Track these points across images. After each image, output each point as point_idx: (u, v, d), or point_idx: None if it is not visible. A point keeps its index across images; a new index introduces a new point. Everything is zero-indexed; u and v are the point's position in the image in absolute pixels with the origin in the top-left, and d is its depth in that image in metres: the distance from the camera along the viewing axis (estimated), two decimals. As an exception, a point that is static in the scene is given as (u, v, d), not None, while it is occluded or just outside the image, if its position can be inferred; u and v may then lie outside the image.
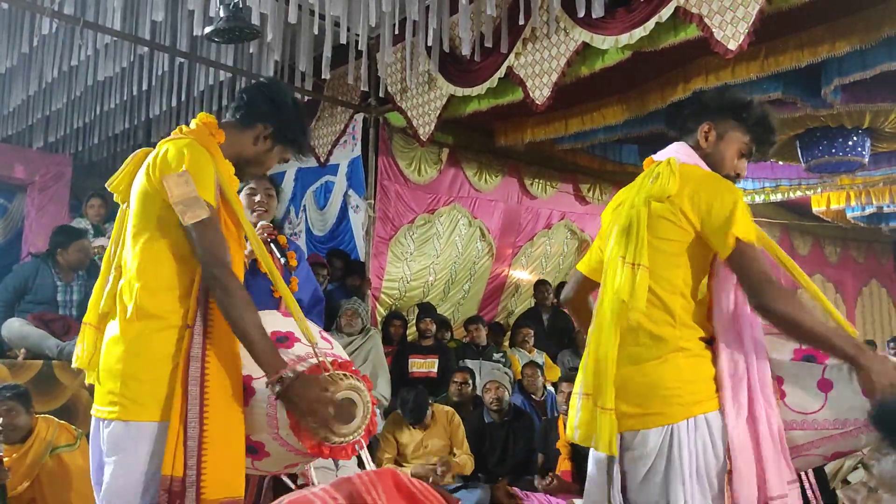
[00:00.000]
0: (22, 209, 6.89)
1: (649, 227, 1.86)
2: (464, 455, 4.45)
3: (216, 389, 1.69)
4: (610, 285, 1.91)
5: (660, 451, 1.80)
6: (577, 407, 1.93)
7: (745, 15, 3.59)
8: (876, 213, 8.72)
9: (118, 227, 1.89)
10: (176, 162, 1.72)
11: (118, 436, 1.67)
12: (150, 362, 1.69)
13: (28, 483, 3.36)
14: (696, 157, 1.99)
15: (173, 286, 1.73)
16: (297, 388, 1.66)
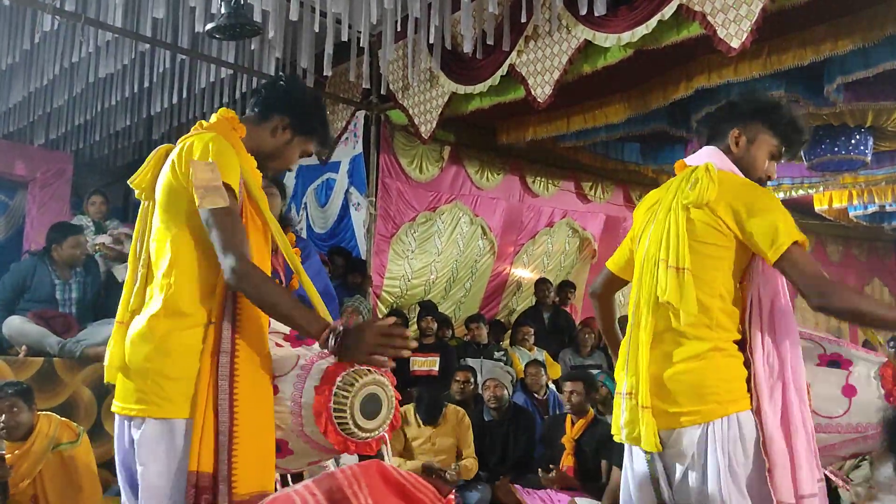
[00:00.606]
0: (23, 206, 6.89)
1: (689, 232, 1.90)
2: (470, 458, 4.46)
3: (246, 384, 1.68)
4: (647, 286, 1.96)
5: (697, 448, 1.85)
6: (623, 407, 1.97)
7: (747, 13, 3.59)
8: (878, 212, 8.71)
9: (141, 224, 1.87)
10: (202, 152, 1.71)
11: (152, 434, 1.66)
12: (179, 360, 1.68)
13: (30, 480, 3.35)
14: (728, 161, 2.02)
15: (201, 283, 1.71)
16: (349, 339, 1.65)
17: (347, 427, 1.69)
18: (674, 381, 1.87)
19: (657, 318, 1.91)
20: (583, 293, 8.00)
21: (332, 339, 1.65)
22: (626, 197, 8.22)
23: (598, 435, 4.21)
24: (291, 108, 1.90)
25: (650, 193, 2.20)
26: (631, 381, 1.94)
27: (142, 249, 1.84)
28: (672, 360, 1.89)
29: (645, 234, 2.06)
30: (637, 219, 2.18)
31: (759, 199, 1.89)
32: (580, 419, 4.32)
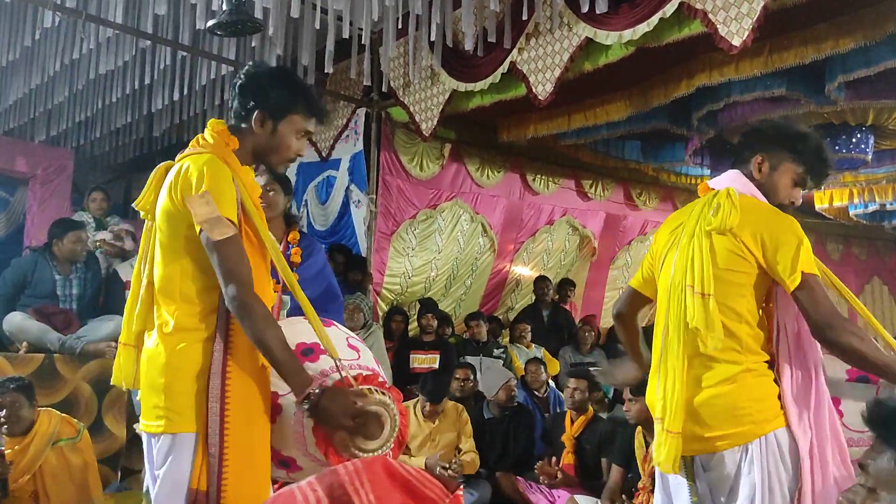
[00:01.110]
0: (24, 203, 6.88)
1: (713, 259, 1.94)
2: (471, 453, 4.46)
3: (237, 404, 1.69)
4: (675, 312, 1.98)
5: (738, 470, 1.89)
6: (656, 431, 2.01)
7: (749, 11, 3.58)
8: (878, 211, 8.71)
9: (145, 243, 1.90)
10: (196, 181, 1.71)
11: (165, 448, 1.70)
12: (188, 374, 1.71)
13: (29, 476, 3.36)
14: (751, 186, 2.06)
15: (204, 300, 1.75)
16: (323, 404, 1.67)
17: (347, 449, 1.71)
18: (707, 406, 1.91)
19: (687, 344, 1.94)
20: (582, 291, 8.01)
21: (307, 403, 1.68)
22: (627, 195, 8.22)
23: (599, 432, 4.22)
24: (259, 97, 1.86)
25: (673, 215, 2.22)
26: (660, 406, 1.97)
27: (145, 269, 1.86)
28: (702, 384, 1.93)
29: (669, 257, 2.09)
30: (659, 240, 2.19)
31: (782, 227, 1.93)
32: (580, 416, 4.33)
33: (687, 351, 1.94)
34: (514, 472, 4.59)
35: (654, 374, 2.06)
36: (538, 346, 6.34)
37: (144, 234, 1.90)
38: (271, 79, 1.89)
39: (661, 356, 2.01)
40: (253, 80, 1.88)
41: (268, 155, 1.91)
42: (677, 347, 1.95)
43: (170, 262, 1.77)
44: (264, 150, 1.90)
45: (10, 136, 6.77)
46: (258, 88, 1.86)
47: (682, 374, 1.93)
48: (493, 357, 5.84)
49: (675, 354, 1.95)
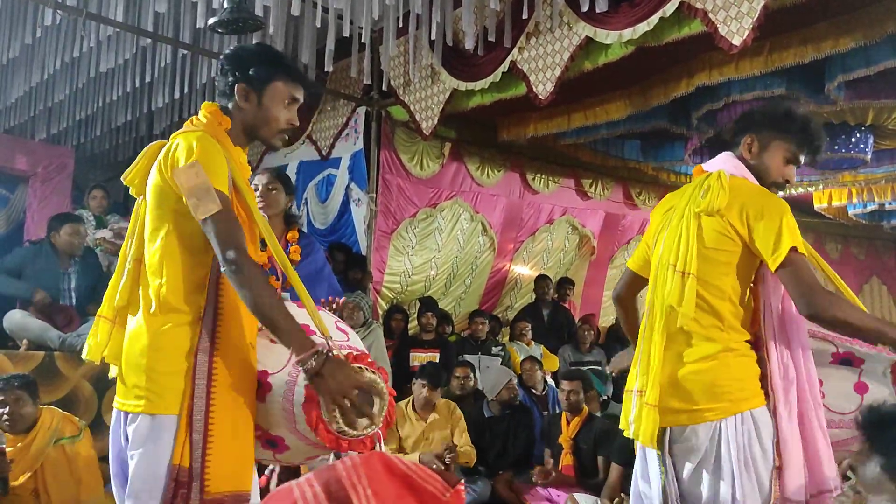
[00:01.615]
0: (24, 200, 6.88)
1: (700, 238, 1.98)
2: (466, 446, 4.47)
3: (224, 383, 1.70)
4: (660, 290, 2.04)
5: (709, 445, 1.91)
6: (634, 403, 2.04)
7: (749, 10, 3.59)
8: (877, 211, 8.72)
9: (134, 221, 1.89)
10: (186, 154, 1.72)
11: (143, 429, 1.69)
12: (171, 356, 1.70)
13: (31, 474, 3.36)
14: (742, 168, 2.10)
15: (191, 280, 1.74)
16: (328, 368, 1.64)
17: (338, 425, 1.70)
18: (688, 381, 1.95)
19: (670, 321, 1.99)
20: (581, 290, 8.02)
21: (314, 362, 1.64)
22: (626, 194, 8.23)
23: (595, 432, 4.23)
24: (239, 72, 1.87)
25: (667, 197, 2.26)
26: (642, 380, 2.01)
27: (132, 246, 1.86)
28: (684, 360, 1.97)
29: (660, 238, 2.14)
30: (653, 221, 2.25)
31: (768, 206, 1.96)
32: (575, 417, 4.34)
33: (669, 327, 1.98)
34: (514, 470, 4.60)
35: (639, 348, 2.11)
36: (538, 344, 6.35)
37: (134, 211, 1.90)
38: (249, 53, 1.92)
39: (643, 332, 2.07)
40: (232, 57, 1.90)
41: (259, 129, 1.90)
42: (659, 323, 2.00)
43: (157, 239, 1.77)
44: (254, 125, 1.89)
45: (10, 133, 6.78)
46: (237, 64, 1.88)
47: (660, 350, 1.98)
48: (491, 356, 5.85)
49: (657, 331, 2.00)
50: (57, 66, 5.44)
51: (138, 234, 1.85)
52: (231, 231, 1.69)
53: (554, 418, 4.58)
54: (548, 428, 4.57)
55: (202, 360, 1.69)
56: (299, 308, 1.92)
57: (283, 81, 1.88)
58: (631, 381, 2.09)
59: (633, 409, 2.04)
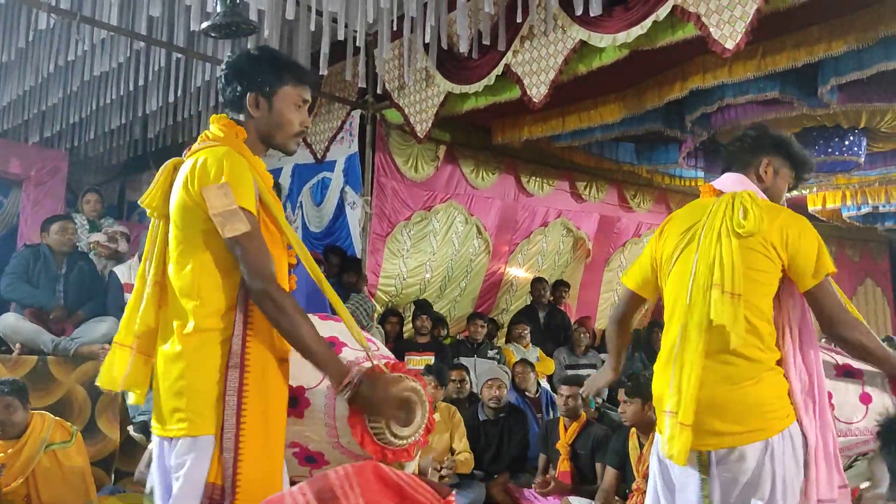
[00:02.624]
0: (17, 204, 6.86)
1: (744, 259, 2.00)
2: (464, 453, 4.46)
3: (254, 399, 1.67)
4: (697, 310, 2.02)
5: (758, 464, 1.94)
6: (667, 424, 2.03)
7: (742, 14, 3.60)
8: (871, 213, 8.75)
9: (152, 243, 1.84)
10: (215, 172, 1.69)
11: (184, 451, 1.67)
12: (207, 375, 1.68)
13: (23, 479, 3.35)
14: (758, 190, 2.14)
15: (224, 298, 1.72)
16: (363, 391, 1.67)
17: (384, 436, 1.71)
18: (734, 402, 1.96)
19: (710, 341, 1.99)
20: (577, 292, 8.03)
21: (349, 391, 1.68)
22: (621, 197, 8.25)
23: (593, 438, 4.23)
24: (245, 80, 1.84)
25: (679, 214, 2.23)
26: (674, 400, 2.00)
27: (150, 268, 1.81)
28: (732, 381, 1.97)
29: (686, 257, 2.11)
30: (668, 239, 2.19)
31: (805, 228, 2.05)
32: (573, 423, 4.33)
33: (710, 347, 1.98)
34: (509, 472, 4.60)
35: (663, 370, 2.09)
36: (534, 346, 6.35)
37: (150, 233, 1.85)
38: (252, 60, 1.87)
39: (675, 352, 2.04)
40: (235, 67, 1.87)
41: (273, 136, 1.88)
42: (697, 344, 1.99)
43: (187, 260, 1.73)
44: (269, 132, 1.87)
45: (4, 137, 6.76)
46: (242, 73, 1.85)
47: (698, 371, 1.97)
48: (486, 358, 5.84)
49: (694, 350, 1.99)
50: (51, 70, 5.42)
51: (157, 256, 1.81)
52: (259, 257, 1.67)
53: (552, 424, 4.57)
54: (545, 433, 4.56)
55: (232, 376, 1.67)
56: (323, 320, 1.93)
57: (291, 85, 1.86)
58: (662, 401, 2.06)
59: (666, 430, 2.02)
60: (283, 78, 1.85)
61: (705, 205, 2.14)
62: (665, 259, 2.18)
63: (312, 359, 1.69)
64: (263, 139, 1.88)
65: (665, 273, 2.17)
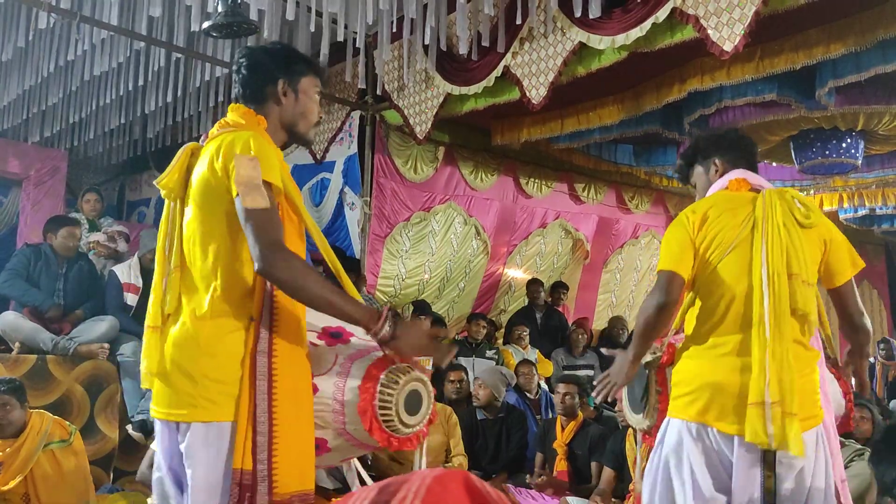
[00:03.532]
0: (17, 204, 6.86)
1: (810, 251, 2.14)
2: (460, 456, 4.47)
3: (284, 383, 1.67)
4: (778, 298, 2.04)
5: (813, 449, 2.06)
6: (768, 416, 2.00)
7: (740, 16, 3.62)
8: (868, 215, 8.78)
9: (168, 225, 1.82)
10: (243, 146, 1.69)
11: (199, 437, 1.66)
12: (224, 362, 1.67)
13: (21, 478, 3.35)
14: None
15: (243, 283, 1.71)
16: (401, 329, 1.67)
17: (392, 424, 1.72)
18: (805, 390, 2.06)
19: (792, 330, 2.07)
20: (575, 294, 8.04)
21: (388, 327, 1.65)
22: (619, 198, 8.26)
23: (590, 437, 4.24)
24: (273, 69, 1.87)
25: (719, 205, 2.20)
26: (773, 390, 1.99)
27: (171, 251, 1.79)
28: (801, 369, 2.06)
29: (742, 246, 2.12)
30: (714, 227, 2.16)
31: (835, 227, 2.22)
32: (570, 422, 4.34)
33: (792, 336, 2.06)
34: (507, 473, 4.61)
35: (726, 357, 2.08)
36: (533, 347, 6.36)
37: (167, 215, 1.83)
38: (274, 51, 1.93)
39: (762, 342, 2.02)
40: (256, 57, 1.90)
41: (297, 124, 1.90)
42: (785, 332, 2.03)
43: (208, 242, 1.72)
44: (293, 120, 1.89)
45: (3, 137, 6.76)
46: (268, 62, 1.88)
47: (791, 359, 2.02)
48: (485, 358, 5.85)
49: (786, 339, 2.03)
50: (51, 69, 5.43)
51: (178, 239, 1.79)
52: (271, 229, 1.63)
53: (548, 423, 4.58)
54: (542, 433, 4.58)
55: (262, 361, 1.66)
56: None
57: (310, 76, 1.91)
58: (756, 392, 2.00)
59: (769, 422, 1.97)
60: (304, 68, 1.91)
61: (746, 197, 2.17)
62: (714, 246, 2.14)
63: (337, 311, 1.66)
64: (287, 128, 1.90)
65: (712, 260, 2.13)
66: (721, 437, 2.05)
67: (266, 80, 1.86)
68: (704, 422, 2.07)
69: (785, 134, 6.14)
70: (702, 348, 2.13)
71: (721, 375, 2.07)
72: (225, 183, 1.69)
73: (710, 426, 2.06)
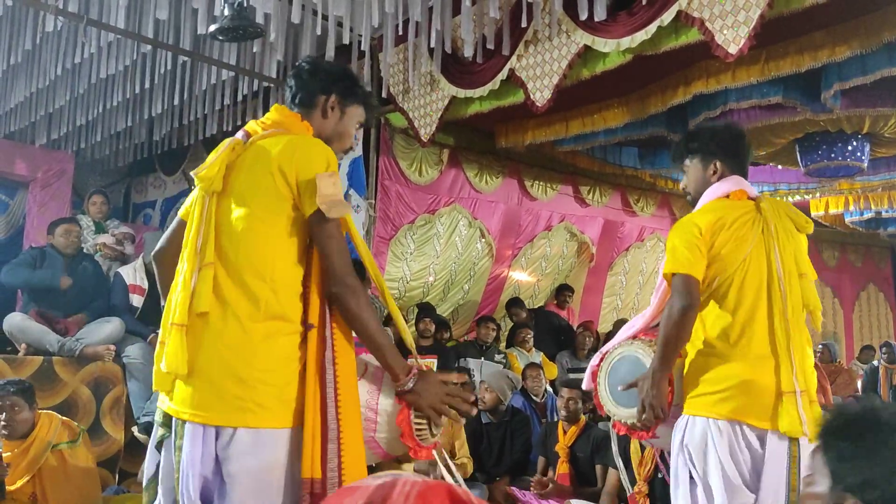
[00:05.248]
0: (24, 206, 6.89)
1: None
2: (464, 458, 4.47)
3: (345, 391, 1.69)
4: (794, 296, 2.22)
5: None
6: (800, 404, 2.09)
7: (746, 19, 3.61)
8: (874, 218, 8.76)
9: (201, 219, 1.72)
10: (321, 161, 1.71)
11: (247, 444, 1.61)
12: (277, 365, 1.65)
13: (28, 478, 3.36)
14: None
15: (296, 288, 1.71)
16: (421, 386, 1.74)
17: (423, 434, 1.78)
18: (813, 382, 2.19)
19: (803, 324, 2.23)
20: (580, 296, 8.03)
21: (411, 383, 1.74)
22: (624, 201, 8.26)
23: (593, 440, 4.23)
24: (331, 83, 1.89)
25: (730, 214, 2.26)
26: (800, 379, 2.13)
27: (205, 246, 1.70)
28: (812, 363, 2.22)
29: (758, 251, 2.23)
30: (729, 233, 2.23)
31: None
32: (572, 426, 4.33)
33: (804, 332, 2.21)
34: (511, 476, 4.60)
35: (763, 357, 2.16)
36: (538, 350, 6.36)
37: (199, 209, 1.73)
38: (339, 69, 1.97)
39: (786, 337, 2.15)
40: (320, 67, 1.92)
41: (332, 142, 1.88)
42: (800, 325, 2.20)
43: (263, 243, 1.69)
44: (331, 137, 1.89)
45: (10, 139, 6.79)
46: (328, 76, 1.90)
47: (808, 352, 2.19)
48: (494, 361, 5.85)
49: (800, 332, 2.18)
50: (58, 72, 5.45)
51: (213, 234, 1.71)
52: (345, 252, 1.72)
53: (550, 426, 4.57)
54: (544, 436, 4.57)
55: (330, 369, 1.67)
56: None
57: (361, 106, 1.94)
58: (786, 383, 2.11)
59: (800, 409, 2.08)
60: (359, 97, 1.93)
61: (748, 205, 2.29)
62: (730, 254, 2.21)
63: (381, 353, 1.75)
64: (323, 141, 1.89)
65: (730, 264, 2.21)
66: (754, 434, 2.11)
67: (321, 90, 1.88)
68: (738, 419, 2.12)
69: (790, 137, 6.13)
70: (731, 347, 2.18)
71: (755, 374, 2.14)
72: (293, 192, 1.69)
73: (744, 423, 2.11)
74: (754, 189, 2.37)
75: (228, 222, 1.72)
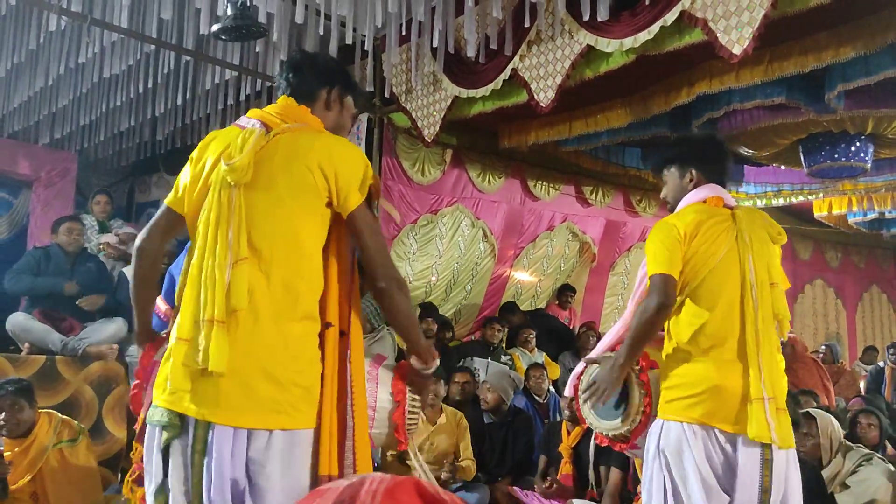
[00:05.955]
0: (27, 205, 6.91)
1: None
2: (467, 460, 4.46)
3: (359, 390, 1.74)
4: (766, 304, 2.23)
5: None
6: (767, 410, 2.12)
7: (749, 20, 3.60)
8: (877, 219, 8.73)
9: (233, 213, 1.64)
10: (360, 159, 1.77)
11: (280, 445, 1.58)
12: (307, 366, 1.65)
13: (30, 477, 3.37)
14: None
15: (321, 288, 1.72)
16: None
17: (413, 429, 1.97)
18: (783, 389, 2.21)
19: (773, 332, 2.25)
20: (582, 297, 8.03)
21: (433, 368, 1.93)
22: (627, 201, 8.25)
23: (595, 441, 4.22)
24: (332, 76, 1.89)
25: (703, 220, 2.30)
26: (768, 387, 2.14)
27: (238, 240, 1.62)
28: (782, 371, 2.23)
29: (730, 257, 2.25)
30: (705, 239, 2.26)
31: None
32: (576, 427, 4.33)
33: (773, 340, 2.24)
34: (513, 476, 4.60)
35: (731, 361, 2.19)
36: (540, 350, 6.35)
37: (227, 201, 1.65)
38: (335, 62, 1.99)
39: (756, 344, 2.17)
40: (320, 60, 1.93)
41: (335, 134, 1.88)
42: (770, 334, 2.22)
43: (303, 240, 1.66)
44: (333, 130, 1.87)
45: (14, 138, 6.80)
46: (327, 68, 1.91)
47: (778, 358, 2.23)
48: (500, 362, 5.84)
49: (771, 341, 2.21)
50: (61, 72, 5.46)
51: (244, 227, 1.63)
52: (388, 249, 1.83)
53: (553, 427, 4.56)
54: (547, 436, 4.56)
55: (349, 368, 1.72)
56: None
57: (354, 98, 1.97)
58: (755, 390, 2.13)
59: (768, 416, 2.12)
60: (352, 89, 1.96)
61: (725, 213, 2.32)
62: (707, 256, 2.25)
63: (416, 342, 1.87)
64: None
65: (704, 269, 2.24)
66: (726, 438, 2.15)
67: (323, 83, 1.88)
68: (709, 423, 2.14)
69: (794, 137, 6.12)
70: (702, 352, 2.21)
71: (725, 378, 2.17)
72: (328, 186, 1.69)
73: (715, 427, 2.14)
74: (731, 199, 2.40)
75: (260, 216, 1.65)
